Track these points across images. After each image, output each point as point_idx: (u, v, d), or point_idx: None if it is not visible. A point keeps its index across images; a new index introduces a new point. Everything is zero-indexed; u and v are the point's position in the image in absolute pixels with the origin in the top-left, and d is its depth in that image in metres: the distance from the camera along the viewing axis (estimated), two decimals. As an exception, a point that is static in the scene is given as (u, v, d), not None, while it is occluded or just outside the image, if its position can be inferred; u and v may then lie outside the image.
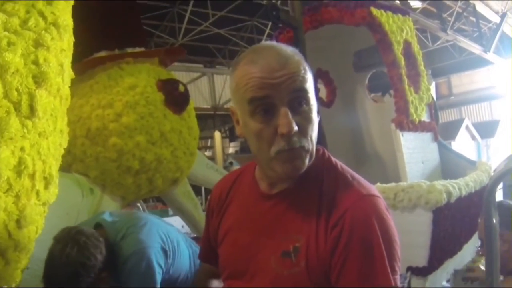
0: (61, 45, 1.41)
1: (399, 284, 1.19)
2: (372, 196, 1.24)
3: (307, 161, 1.23)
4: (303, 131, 1.20)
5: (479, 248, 2.90)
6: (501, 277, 2.45)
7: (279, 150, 1.19)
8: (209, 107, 15.70)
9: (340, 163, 1.35)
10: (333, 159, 1.36)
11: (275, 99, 1.18)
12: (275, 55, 1.20)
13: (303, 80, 1.20)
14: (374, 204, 1.22)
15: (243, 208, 1.40)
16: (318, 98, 6.42)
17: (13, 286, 1.32)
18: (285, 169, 1.22)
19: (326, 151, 1.37)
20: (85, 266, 2.18)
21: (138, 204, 4.88)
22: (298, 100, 1.19)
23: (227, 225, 1.42)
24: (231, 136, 20.56)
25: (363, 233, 1.17)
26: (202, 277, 1.72)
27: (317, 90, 6.68)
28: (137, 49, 3.92)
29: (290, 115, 1.17)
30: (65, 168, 3.45)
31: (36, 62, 1.29)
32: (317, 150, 1.34)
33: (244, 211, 1.39)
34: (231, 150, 19.61)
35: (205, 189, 9.12)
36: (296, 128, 1.17)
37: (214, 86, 18.19)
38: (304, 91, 1.20)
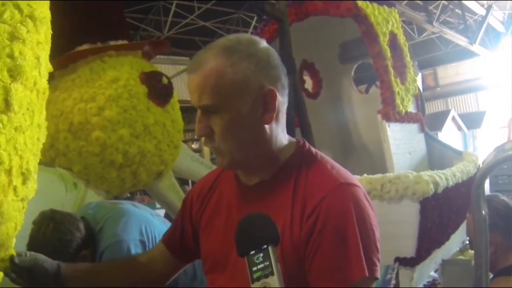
0: (38, 38, 1.38)
1: (379, 276, 1.17)
2: (350, 184, 1.23)
3: (227, 159, 1.29)
4: (216, 135, 1.26)
5: (467, 244, 2.84)
6: (491, 275, 2.42)
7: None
8: (196, 100, 15.66)
9: (320, 154, 1.34)
10: (313, 149, 1.36)
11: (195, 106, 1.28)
12: (191, 67, 1.27)
13: (206, 93, 1.23)
14: (351, 192, 1.21)
15: (224, 200, 1.40)
16: (303, 90, 6.44)
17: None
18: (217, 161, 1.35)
19: (306, 142, 1.36)
20: (62, 240, 2.21)
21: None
22: (206, 110, 1.26)
23: (208, 217, 1.42)
24: (218, 129, 20.54)
25: (338, 221, 1.15)
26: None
27: (302, 82, 6.68)
28: (120, 42, 3.87)
29: (200, 121, 1.27)
30: (48, 162, 3.43)
31: (11, 56, 1.26)
32: (297, 141, 1.35)
33: (225, 203, 1.39)
34: (218, 143, 19.65)
35: (193, 182, 9.10)
36: (203, 133, 1.27)
37: (201, 79, 18.10)
38: (208, 104, 1.24)
